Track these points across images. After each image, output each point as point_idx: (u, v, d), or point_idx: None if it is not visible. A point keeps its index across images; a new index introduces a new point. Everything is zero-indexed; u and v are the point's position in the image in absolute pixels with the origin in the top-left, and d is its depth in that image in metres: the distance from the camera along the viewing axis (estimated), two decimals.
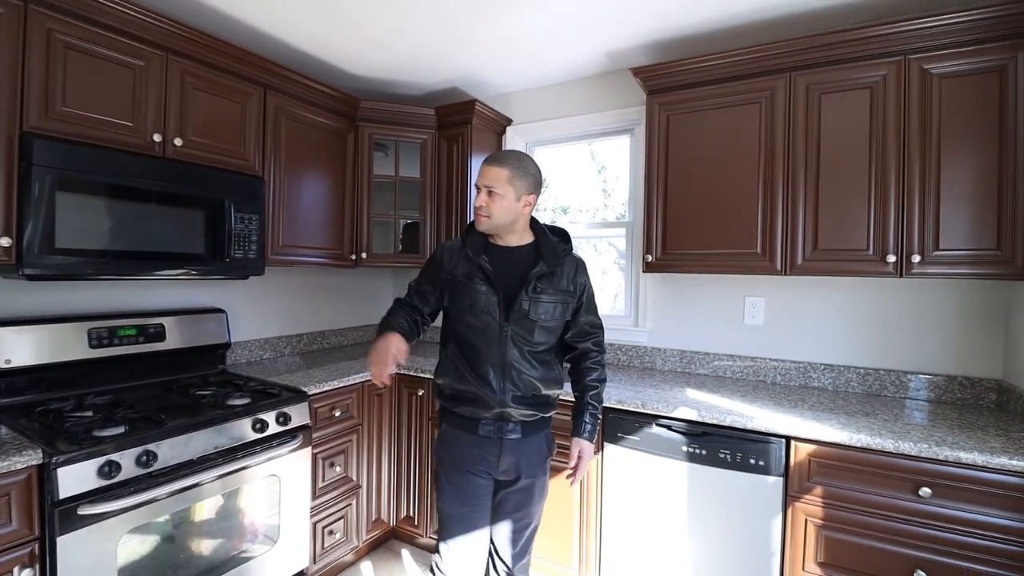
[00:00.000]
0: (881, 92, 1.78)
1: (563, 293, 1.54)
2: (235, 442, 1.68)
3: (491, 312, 1.49)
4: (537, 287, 1.50)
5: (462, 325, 1.55)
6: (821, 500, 1.60)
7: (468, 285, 1.52)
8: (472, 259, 1.53)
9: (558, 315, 1.53)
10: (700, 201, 2.07)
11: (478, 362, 1.51)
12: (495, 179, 1.49)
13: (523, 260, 1.54)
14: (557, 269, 1.53)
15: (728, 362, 2.31)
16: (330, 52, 2.40)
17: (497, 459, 1.54)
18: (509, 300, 1.50)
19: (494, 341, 1.49)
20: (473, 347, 1.52)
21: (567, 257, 1.57)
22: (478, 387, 1.50)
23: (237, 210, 1.99)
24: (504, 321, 1.49)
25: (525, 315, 1.49)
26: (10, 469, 1.25)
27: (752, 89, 1.97)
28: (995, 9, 1.60)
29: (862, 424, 1.64)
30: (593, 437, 1.62)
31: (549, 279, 1.52)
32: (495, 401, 1.49)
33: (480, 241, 1.57)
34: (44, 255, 1.51)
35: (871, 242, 1.79)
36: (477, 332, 1.51)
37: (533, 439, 1.56)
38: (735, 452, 1.71)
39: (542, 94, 2.80)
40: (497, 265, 1.52)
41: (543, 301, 1.50)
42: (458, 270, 1.56)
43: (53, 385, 1.76)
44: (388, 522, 2.46)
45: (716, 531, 1.75)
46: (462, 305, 1.53)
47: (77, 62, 1.60)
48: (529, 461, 1.56)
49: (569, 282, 1.55)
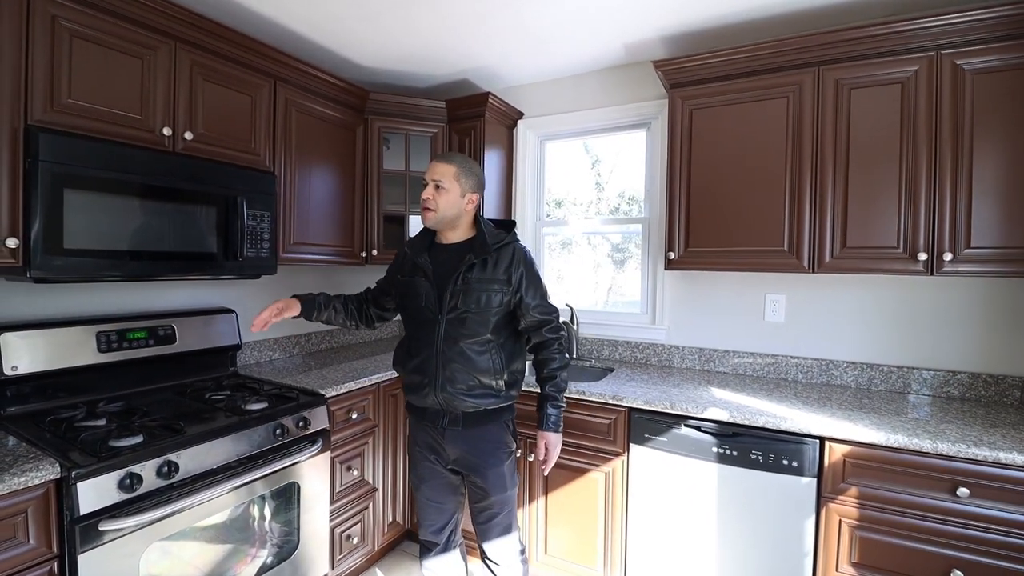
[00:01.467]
0: (912, 87, 1.75)
1: (496, 282, 1.56)
2: (255, 449, 1.62)
3: (429, 306, 1.58)
4: (466, 277, 1.55)
5: (408, 320, 1.68)
6: (856, 501, 1.59)
7: (411, 283, 1.64)
8: (413, 259, 1.64)
9: (493, 303, 1.55)
10: (724, 197, 2.03)
11: (418, 352, 1.60)
12: (443, 174, 1.58)
13: (460, 255, 1.59)
14: (488, 258, 1.57)
15: (748, 359, 2.30)
16: (338, 41, 2.31)
17: (444, 449, 1.63)
18: (443, 293, 1.56)
19: (431, 332, 1.57)
20: (415, 339, 1.63)
21: (504, 247, 1.60)
22: (419, 376, 1.59)
23: (249, 207, 1.91)
24: (439, 313, 1.56)
25: (455, 305, 1.55)
26: (26, 485, 1.18)
27: (779, 83, 1.93)
28: None
29: (895, 424, 1.63)
30: (558, 427, 1.65)
31: (481, 268, 1.56)
32: (432, 389, 1.56)
33: (424, 242, 1.68)
34: (52, 256, 1.43)
35: (902, 240, 1.77)
36: (417, 325, 1.62)
37: (479, 431, 1.60)
38: (767, 453, 1.69)
39: (555, 87, 2.73)
40: (437, 262, 1.61)
41: (473, 290, 1.54)
42: (405, 269, 1.69)
43: (62, 392, 1.68)
44: (403, 524, 2.42)
45: (746, 533, 1.73)
46: (407, 301, 1.66)
47: (83, 51, 1.51)
48: (478, 452, 1.60)
49: (504, 271, 1.58)
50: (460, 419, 1.59)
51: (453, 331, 1.55)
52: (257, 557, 1.67)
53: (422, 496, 1.72)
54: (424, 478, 1.69)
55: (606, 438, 1.95)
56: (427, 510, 1.72)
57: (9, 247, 1.38)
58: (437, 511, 1.71)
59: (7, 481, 1.14)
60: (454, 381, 1.55)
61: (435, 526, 1.72)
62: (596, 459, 1.97)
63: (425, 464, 1.68)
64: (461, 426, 1.59)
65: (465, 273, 1.56)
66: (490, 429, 1.61)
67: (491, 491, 1.62)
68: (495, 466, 1.61)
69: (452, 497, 1.71)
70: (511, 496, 1.67)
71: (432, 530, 1.73)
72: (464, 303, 1.54)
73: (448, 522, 1.73)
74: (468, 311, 1.54)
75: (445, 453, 1.64)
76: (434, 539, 1.73)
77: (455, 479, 1.69)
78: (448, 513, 1.72)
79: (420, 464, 1.70)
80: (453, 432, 1.60)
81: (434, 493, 1.70)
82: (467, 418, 1.59)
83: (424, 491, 1.71)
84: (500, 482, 1.62)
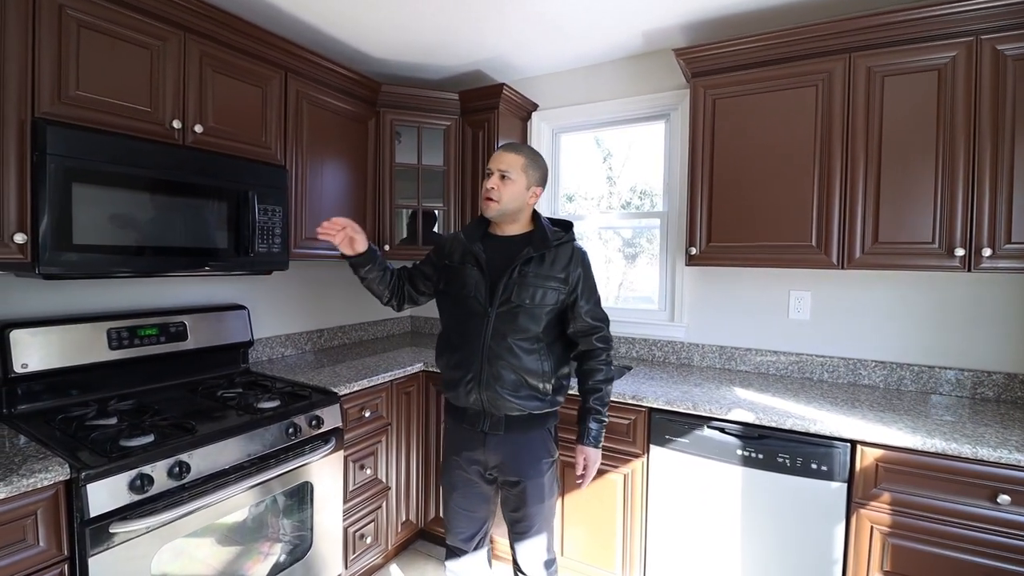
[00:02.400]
0: (950, 74, 1.67)
1: (553, 279, 1.50)
2: (268, 449, 1.59)
3: (477, 296, 1.50)
4: (523, 270, 1.48)
5: (453, 309, 1.58)
6: (888, 507, 1.52)
7: (460, 270, 1.55)
8: (467, 246, 1.54)
9: (547, 301, 1.48)
10: (748, 191, 1.96)
11: (462, 346, 1.52)
12: (511, 164, 1.51)
13: (517, 248, 1.52)
14: (547, 253, 1.50)
15: (771, 358, 2.23)
16: (349, 31, 2.26)
17: (483, 455, 1.54)
18: (495, 285, 1.48)
19: (478, 325, 1.49)
20: (459, 331, 1.54)
21: (563, 245, 1.54)
22: (460, 372, 1.51)
23: (261, 202, 1.87)
24: (488, 306, 1.48)
25: (508, 298, 1.47)
26: (36, 487, 1.15)
27: (808, 71, 1.85)
28: None
29: (930, 427, 1.56)
30: (599, 443, 1.56)
31: (539, 263, 1.50)
32: (476, 386, 1.48)
33: (478, 230, 1.59)
34: (61, 252, 1.40)
35: (937, 235, 1.69)
36: (463, 316, 1.53)
37: (522, 438, 1.52)
38: (795, 456, 1.62)
39: (570, 78, 2.67)
40: (491, 253, 1.53)
41: (529, 284, 1.47)
42: (455, 256, 1.59)
43: (73, 390, 1.66)
44: (417, 523, 2.39)
45: (772, 538, 1.67)
46: (453, 289, 1.57)
47: (91, 41, 1.48)
48: (518, 461, 1.52)
49: (562, 269, 1.51)
50: (502, 423, 1.50)
51: (502, 325, 1.47)
52: (270, 556, 1.64)
53: (453, 503, 1.64)
54: (456, 485, 1.62)
55: (625, 439, 1.90)
56: (458, 518, 1.64)
57: (17, 243, 1.35)
58: (468, 520, 1.64)
59: (16, 483, 1.12)
60: (499, 378, 1.46)
61: (465, 534, 1.65)
62: (615, 460, 1.91)
63: (459, 472, 1.60)
64: (503, 431, 1.50)
65: (522, 266, 1.48)
66: (533, 437, 1.53)
67: (529, 502, 1.54)
68: (535, 477, 1.53)
69: (484, 506, 1.63)
70: (549, 506, 1.60)
71: (461, 538, 1.66)
72: (518, 297, 1.46)
73: (479, 531, 1.66)
74: (521, 306, 1.46)
75: (483, 459, 1.55)
76: (463, 547, 1.66)
77: (488, 488, 1.61)
78: (479, 522, 1.65)
79: (453, 471, 1.61)
80: (494, 437, 1.51)
81: (466, 502, 1.62)
82: (510, 422, 1.50)
83: (456, 498, 1.63)
84: (539, 493, 1.55)
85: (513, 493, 1.57)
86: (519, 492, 1.55)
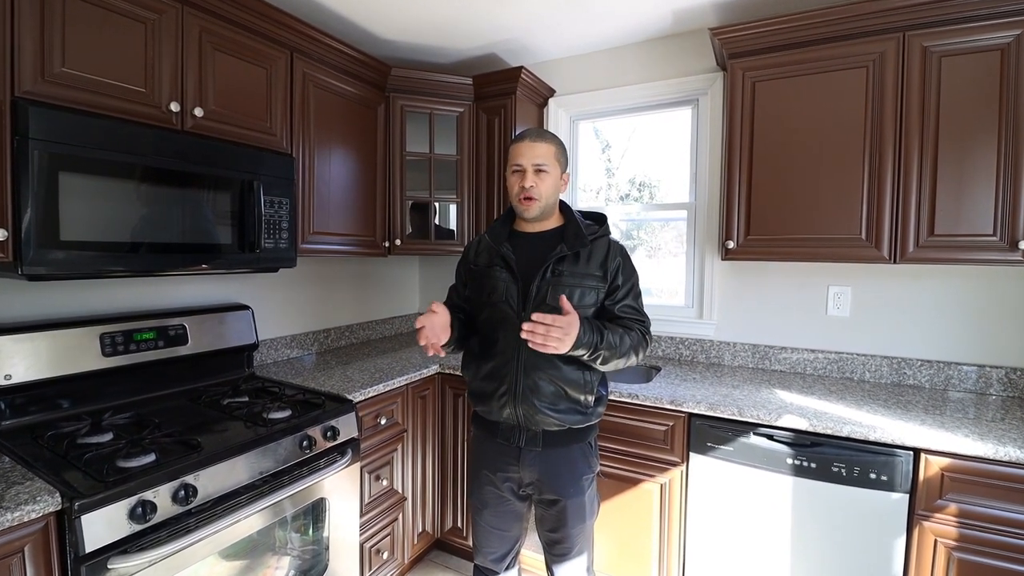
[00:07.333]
0: (1013, 55, 1.55)
1: (591, 277, 1.38)
2: (281, 465, 1.45)
3: (509, 301, 1.38)
4: (556, 270, 1.36)
5: (483, 316, 1.44)
6: (955, 519, 1.41)
7: (488, 273, 1.43)
8: (495, 248, 1.43)
9: (586, 302, 1.37)
10: (791, 180, 1.83)
11: (495, 356, 1.39)
12: (546, 156, 1.39)
13: (548, 245, 1.40)
14: (582, 251, 1.38)
15: (808, 356, 2.11)
16: (357, 9, 2.10)
17: (518, 471, 1.42)
18: (528, 287, 1.37)
19: (512, 332, 1.34)
20: (491, 339, 1.41)
21: (598, 240, 1.42)
22: (492, 384, 1.39)
23: (267, 193, 1.72)
24: (522, 310, 1.35)
25: (543, 301, 1.34)
26: (22, 520, 1.00)
27: (857, 52, 1.72)
28: None
29: (999, 433, 1.45)
30: (588, 334, 1.25)
31: (573, 261, 1.38)
32: (511, 399, 1.36)
33: (504, 229, 1.48)
34: (47, 250, 1.25)
35: (999, 227, 1.58)
36: (495, 323, 1.40)
37: (560, 453, 1.39)
38: (852, 466, 1.51)
39: (590, 61, 2.52)
40: (520, 252, 1.41)
41: (565, 285, 1.35)
42: (481, 259, 1.48)
43: (63, 401, 1.50)
44: (433, 533, 2.26)
45: (826, 553, 1.56)
46: (482, 294, 1.44)
47: (78, 12, 1.31)
48: (558, 479, 1.39)
49: (599, 266, 1.39)
50: (540, 438, 1.38)
51: None
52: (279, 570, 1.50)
53: (483, 521, 1.52)
54: (488, 503, 1.50)
55: (662, 446, 1.78)
56: (488, 537, 1.53)
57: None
58: (500, 539, 1.52)
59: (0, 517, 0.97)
60: (537, 391, 1.35)
61: (496, 554, 1.54)
62: (650, 469, 1.79)
63: (490, 488, 1.48)
64: (541, 446, 1.39)
65: (555, 265, 1.36)
66: (573, 452, 1.41)
67: (570, 523, 1.43)
68: (576, 495, 1.41)
69: (517, 524, 1.52)
70: (591, 526, 1.48)
71: (492, 558, 1.54)
72: (553, 299, 1.32)
73: (511, 550, 1.55)
74: (557, 309, 1.32)
75: (518, 476, 1.43)
76: (493, 568, 1.54)
77: (521, 505, 1.50)
78: (512, 541, 1.54)
79: (484, 488, 1.49)
80: (531, 454, 1.39)
81: (497, 520, 1.50)
82: (548, 437, 1.39)
83: (486, 516, 1.51)
84: (580, 512, 1.43)
85: (551, 512, 1.44)
86: (558, 512, 1.43)
